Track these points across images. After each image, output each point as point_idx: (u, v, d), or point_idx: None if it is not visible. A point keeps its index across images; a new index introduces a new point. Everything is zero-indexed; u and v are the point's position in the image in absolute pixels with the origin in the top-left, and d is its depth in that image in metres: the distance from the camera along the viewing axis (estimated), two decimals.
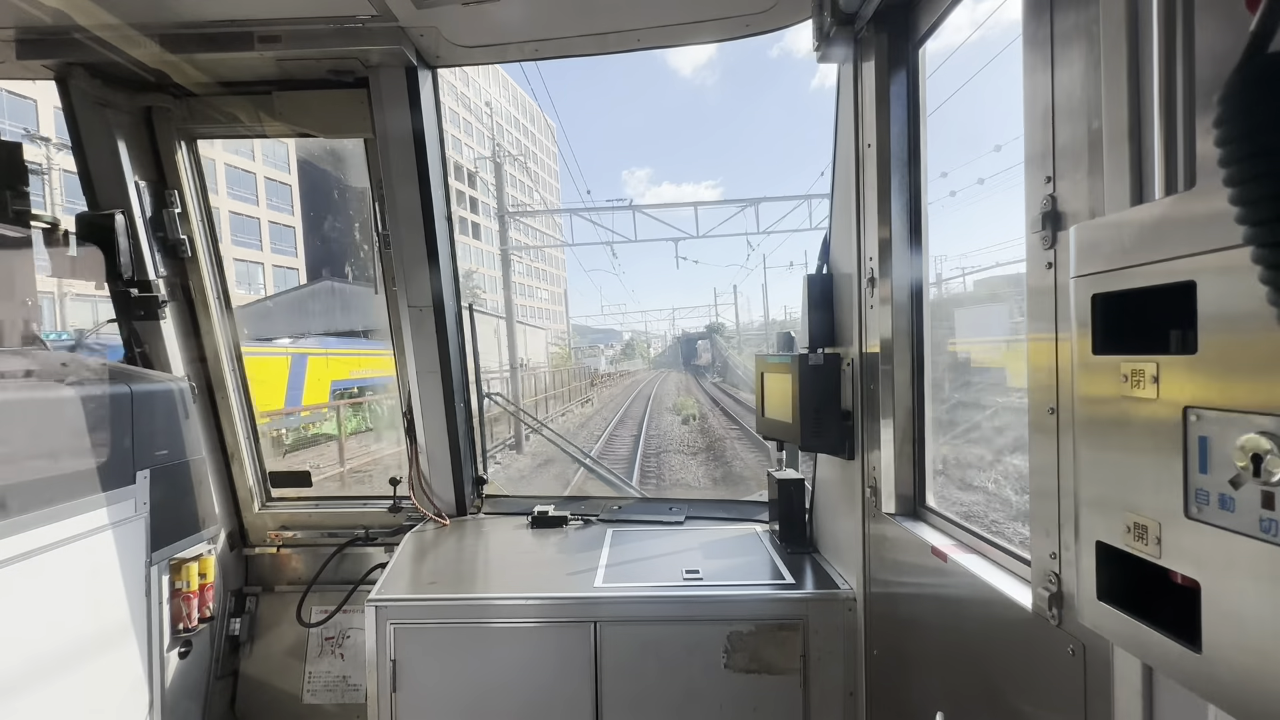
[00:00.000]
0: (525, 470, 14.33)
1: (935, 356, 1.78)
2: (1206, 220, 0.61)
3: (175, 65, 2.26)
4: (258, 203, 33.20)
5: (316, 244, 40.68)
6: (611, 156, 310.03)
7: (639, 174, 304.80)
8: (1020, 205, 1.11)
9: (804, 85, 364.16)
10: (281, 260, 37.51)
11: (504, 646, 1.95)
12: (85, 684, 1.95)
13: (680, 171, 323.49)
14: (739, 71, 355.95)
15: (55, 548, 1.85)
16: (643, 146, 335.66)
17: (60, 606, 1.87)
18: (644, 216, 20.01)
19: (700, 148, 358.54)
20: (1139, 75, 0.83)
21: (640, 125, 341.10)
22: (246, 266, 35.25)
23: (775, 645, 1.93)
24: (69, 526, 1.89)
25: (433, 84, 2.44)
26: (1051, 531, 1.04)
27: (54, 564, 1.84)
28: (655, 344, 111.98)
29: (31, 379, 1.87)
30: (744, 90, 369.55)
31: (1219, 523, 0.61)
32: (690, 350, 73.81)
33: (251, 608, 2.82)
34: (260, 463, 2.92)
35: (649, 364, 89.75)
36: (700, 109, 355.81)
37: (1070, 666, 1.03)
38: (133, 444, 2.13)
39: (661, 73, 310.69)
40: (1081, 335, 0.79)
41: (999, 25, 4.44)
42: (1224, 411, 0.60)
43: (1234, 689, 0.61)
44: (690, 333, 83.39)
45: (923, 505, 1.74)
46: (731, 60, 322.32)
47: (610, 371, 62.67)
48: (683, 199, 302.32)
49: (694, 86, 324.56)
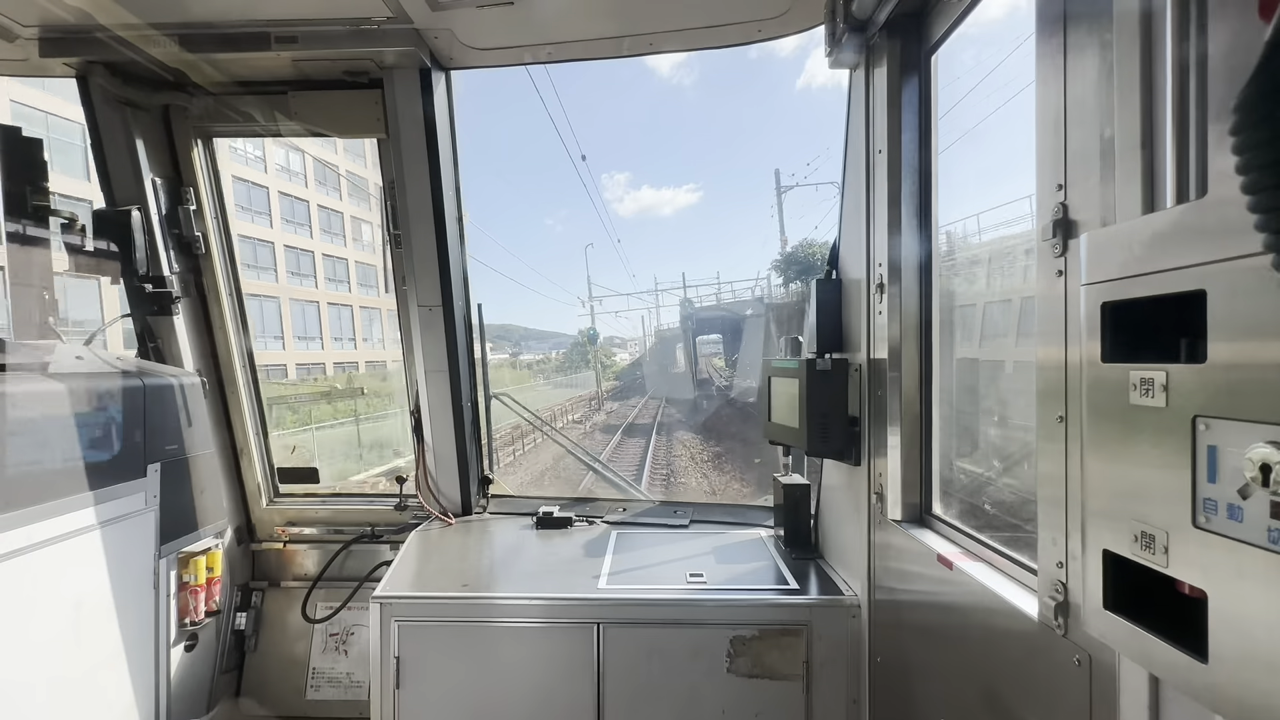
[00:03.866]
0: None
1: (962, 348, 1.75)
2: (1218, 229, 0.61)
3: (193, 64, 2.29)
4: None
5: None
6: (593, 159, 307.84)
7: (618, 178, 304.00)
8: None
9: (788, 85, 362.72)
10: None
11: (507, 646, 1.96)
12: (92, 675, 1.97)
13: (660, 175, 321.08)
14: (719, 73, 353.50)
15: (66, 538, 1.87)
16: (621, 150, 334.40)
17: (69, 597, 1.89)
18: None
19: (680, 152, 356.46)
20: (1152, 83, 0.83)
21: (618, 127, 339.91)
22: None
23: (778, 651, 1.93)
24: (80, 518, 1.91)
25: (446, 86, 2.47)
26: (1059, 540, 1.04)
27: (64, 555, 1.87)
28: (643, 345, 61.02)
29: (47, 371, 1.90)
30: (724, 92, 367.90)
31: (1227, 533, 0.61)
32: (692, 349, 37.33)
33: (257, 603, 2.84)
34: (269, 458, 2.95)
35: (612, 381, 47.25)
36: (679, 109, 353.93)
37: (1076, 677, 1.02)
38: (144, 437, 2.16)
39: (641, 72, 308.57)
40: (1091, 343, 0.79)
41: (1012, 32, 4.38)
42: (1233, 421, 0.60)
43: (1241, 700, 0.60)
44: (703, 311, 37.28)
45: (929, 513, 1.74)
46: (710, 61, 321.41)
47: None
48: (661, 204, 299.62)
49: (671, 86, 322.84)
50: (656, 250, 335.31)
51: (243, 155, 27.42)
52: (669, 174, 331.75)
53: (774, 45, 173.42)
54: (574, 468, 15.76)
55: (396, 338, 2.75)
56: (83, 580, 1.94)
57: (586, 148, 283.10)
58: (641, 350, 63.60)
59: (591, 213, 68.77)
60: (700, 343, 40.09)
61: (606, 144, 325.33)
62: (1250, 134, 0.54)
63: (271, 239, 28.73)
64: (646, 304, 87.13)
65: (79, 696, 1.92)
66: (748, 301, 33.94)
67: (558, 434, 3.67)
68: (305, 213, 31.37)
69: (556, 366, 57.50)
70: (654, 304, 55.15)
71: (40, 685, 1.80)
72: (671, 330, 49.66)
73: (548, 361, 62.64)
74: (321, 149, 31.25)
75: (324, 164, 32.45)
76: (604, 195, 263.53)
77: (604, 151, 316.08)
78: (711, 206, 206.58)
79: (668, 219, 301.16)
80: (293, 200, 30.56)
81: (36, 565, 1.78)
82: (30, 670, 1.78)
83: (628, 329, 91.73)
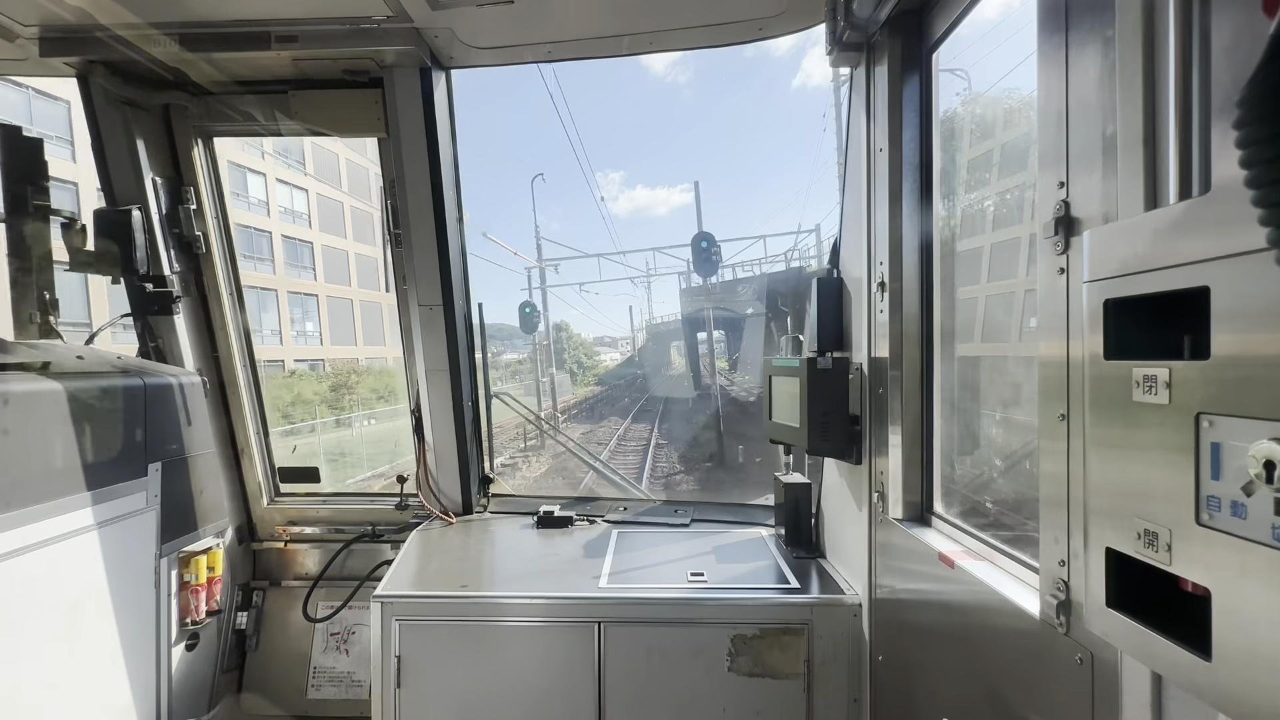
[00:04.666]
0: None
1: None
2: (1222, 225, 0.61)
3: (193, 64, 2.29)
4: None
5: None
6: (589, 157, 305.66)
7: (613, 176, 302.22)
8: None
9: (784, 84, 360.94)
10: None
11: (508, 645, 1.96)
12: (93, 674, 1.97)
13: (654, 174, 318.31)
14: (714, 71, 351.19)
15: (67, 538, 1.87)
16: (614, 148, 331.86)
17: (70, 597, 1.89)
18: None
19: (672, 150, 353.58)
20: (1155, 79, 0.83)
21: (612, 125, 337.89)
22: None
23: (779, 650, 1.93)
24: (81, 517, 1.91)
25: (446, 85, 2.47)
26: (1061, 539, 1.03)
27: (66, 554, 1.87)
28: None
29: (48, 371, 1.90)
30: (720, 89, 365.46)
31: (1231, 530, 0.61)
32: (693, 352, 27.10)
33: (258, 602, 2.85)
34: (269, 457, 2.95)
35: (593, 386, 39.22)
36: (672, 107, 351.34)
37: (1078, 675, 1.02)
38: (145, 437, 2.16)
39: (635, 71, 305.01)
40: (1093, 340, 0.78)
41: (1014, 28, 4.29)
42: (1237, 418, 0.60)
43: (1244, 698, 0.60)
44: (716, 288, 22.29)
45: (930, 511, 1.73)
46: (706, 59, 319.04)
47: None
48: (655, 204, 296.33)
49: (666, 84, 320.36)
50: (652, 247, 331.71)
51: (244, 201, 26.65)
52: (663, 173, 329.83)
53: (772, 43, 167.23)
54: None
55: (397, 334, 2.74)
56: (83, 580, 1.94)
57: (581, 143, 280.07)
58: (632, 349, 51.58)
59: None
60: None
61: (600, 140, 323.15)
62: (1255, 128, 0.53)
63: (269, 227, 28.53)
64: (631, 274, 58.24)
65: (79, 696, 1.92)
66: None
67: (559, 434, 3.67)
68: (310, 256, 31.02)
69: (511, 369, 39.23)
70: (645, 280, 35.89)
71: (40, 685, 1.80)
72: (668, 325, 39.55)
73: (494, 363, 38.27)
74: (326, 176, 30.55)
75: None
76: (598, 193, 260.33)
77: (596, 147, 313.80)
78: (705, 205, 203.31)
79: (660, 218, 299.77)
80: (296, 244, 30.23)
81: (37, 565, 1.78)
82: (30, 670, 1.78)
83: (607, 321, 74.96)
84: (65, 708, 1.87)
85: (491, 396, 2.98)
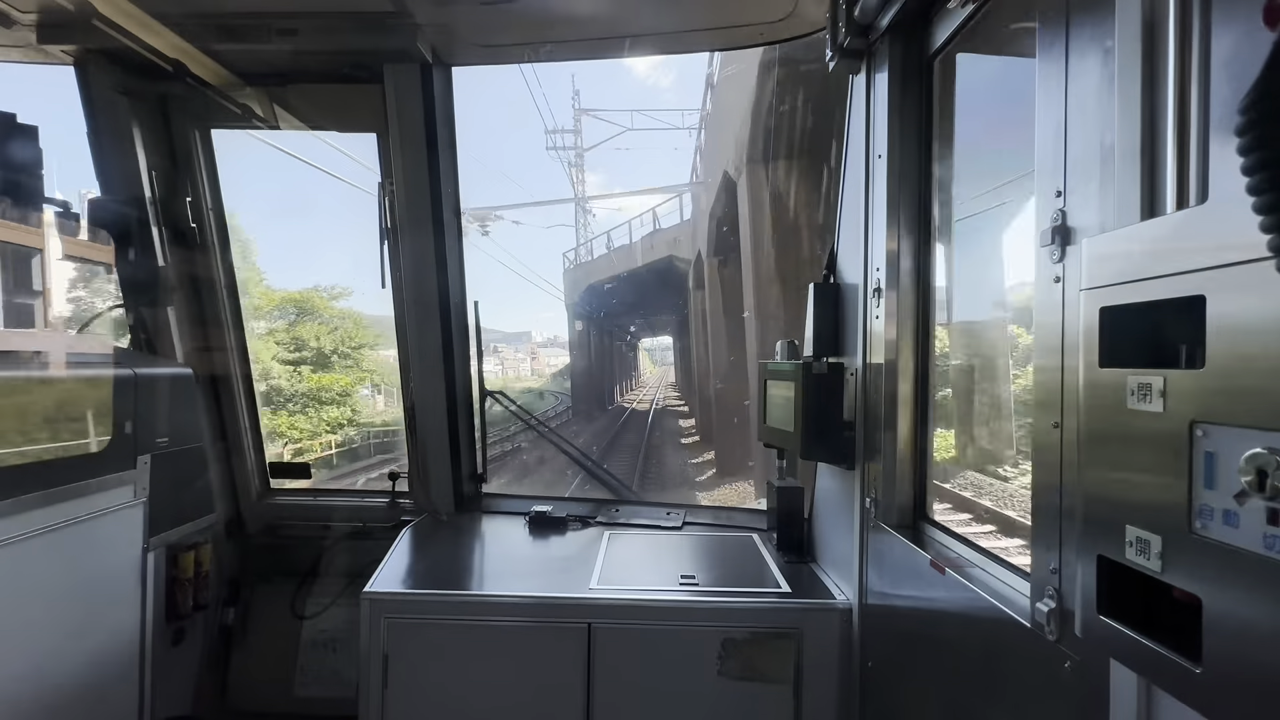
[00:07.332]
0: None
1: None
2: (1219, 234, 0.61)
3: (192, 55, 2.28)
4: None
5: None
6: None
7: (590, 179, 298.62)
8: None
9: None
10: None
11: (497, 645, 1.95)
12: (78, 669, 1.95)
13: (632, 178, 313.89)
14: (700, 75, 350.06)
15: (53, 530, 1.85)
16: (597, 153, 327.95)
17: (56, 590, 1.87)
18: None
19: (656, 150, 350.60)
20: (1154, 89, 0.83)
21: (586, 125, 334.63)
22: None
23: (769, 654, 1.92)
24: (68, 509, 1.89)
25: (446, 82, 2.46)
26: (1052, 546, 1.04)
27: (51, 547, 1.85)
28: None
29: (39, 360, 1.88)
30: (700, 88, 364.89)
31: (1223, 538, 0.61)
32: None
33: (246, 597, 2.82)
34: (260, 453, 2.93)
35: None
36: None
37: (1067, 682, 1.02)
38: (135, 429, 2.14)
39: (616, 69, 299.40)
40: (1088, 348, 0.79)
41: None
42: (1231, 427, 0.60)
43: (1233, 705, 0.60)
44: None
45: (923, 518, 1.74)
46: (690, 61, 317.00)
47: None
48: (637, 207, 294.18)
49: (648, 87, 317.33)
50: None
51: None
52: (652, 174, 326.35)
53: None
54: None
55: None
56: (69, 573, 1.91)
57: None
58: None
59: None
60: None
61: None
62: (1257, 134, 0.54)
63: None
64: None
65: (64, 690, 1.90)
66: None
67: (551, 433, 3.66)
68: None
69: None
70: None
71: (24, 679, 1.78)
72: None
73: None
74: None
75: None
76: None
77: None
78: (687, 210, 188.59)
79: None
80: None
81: (22, 557, 1.76)
82: (14, 664, 1.75)
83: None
84: (48, 702, 1.85)
85: (486, 395, 2.97)
